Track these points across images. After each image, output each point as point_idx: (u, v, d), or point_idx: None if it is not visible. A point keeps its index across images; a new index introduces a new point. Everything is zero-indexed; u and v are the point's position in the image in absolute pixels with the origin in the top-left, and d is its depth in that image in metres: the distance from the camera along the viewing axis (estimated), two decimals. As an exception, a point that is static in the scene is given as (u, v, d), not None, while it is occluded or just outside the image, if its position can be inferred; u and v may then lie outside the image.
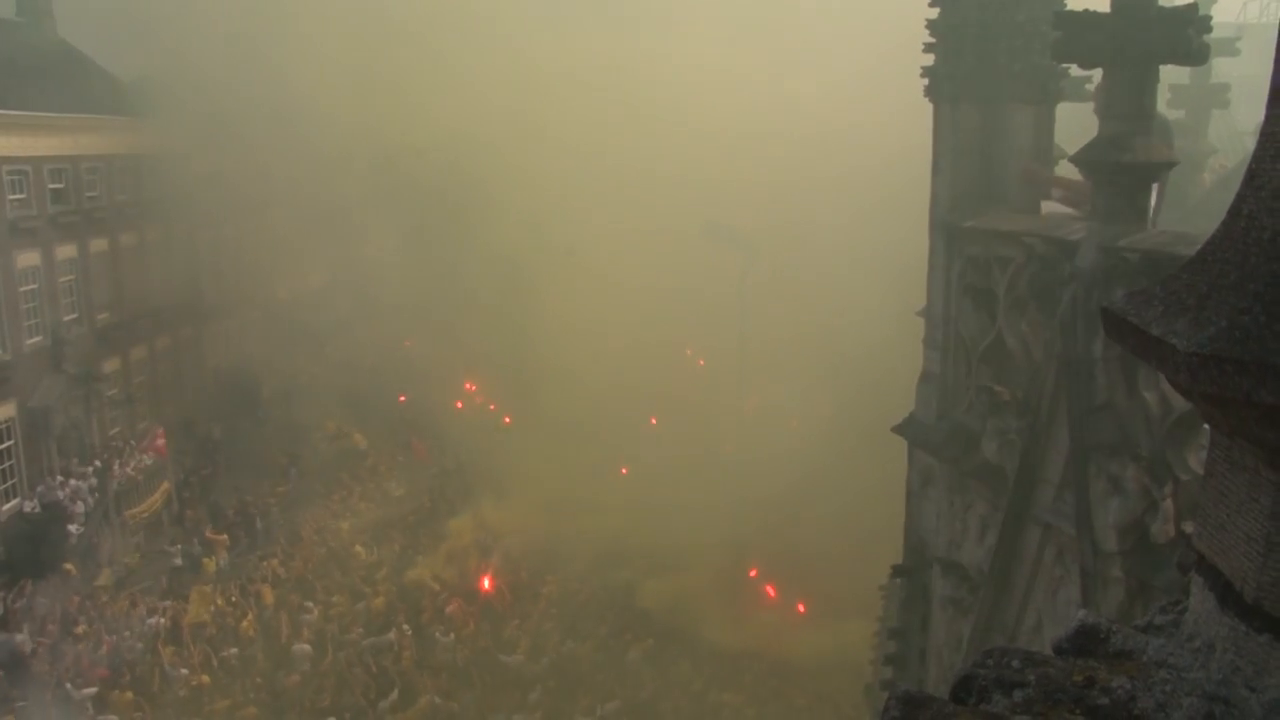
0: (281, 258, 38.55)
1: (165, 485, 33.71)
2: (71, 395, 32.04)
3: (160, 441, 34.10)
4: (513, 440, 35.02)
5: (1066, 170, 11.68)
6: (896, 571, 13.37)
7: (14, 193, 30.76)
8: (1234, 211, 1.84)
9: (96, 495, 30.74)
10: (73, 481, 30.37)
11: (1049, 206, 11.69)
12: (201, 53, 35.56)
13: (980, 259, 11.13)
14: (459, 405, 40.55)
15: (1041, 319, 10.55)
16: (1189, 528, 8.73)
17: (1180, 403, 8.45)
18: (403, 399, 40.31)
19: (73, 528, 28.91)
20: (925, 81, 11.13)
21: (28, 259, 31.20)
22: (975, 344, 11.44)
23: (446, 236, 36.99)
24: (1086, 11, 9.85)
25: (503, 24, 39.60)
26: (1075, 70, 10.61)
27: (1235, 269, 1.74)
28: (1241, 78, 31.42)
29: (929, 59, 11.02)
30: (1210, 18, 9.91)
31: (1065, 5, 10.95)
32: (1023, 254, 10.35)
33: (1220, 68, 25.51)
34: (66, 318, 32.90)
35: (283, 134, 35.08)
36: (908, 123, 12.10)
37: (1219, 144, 25.84)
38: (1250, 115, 30.31)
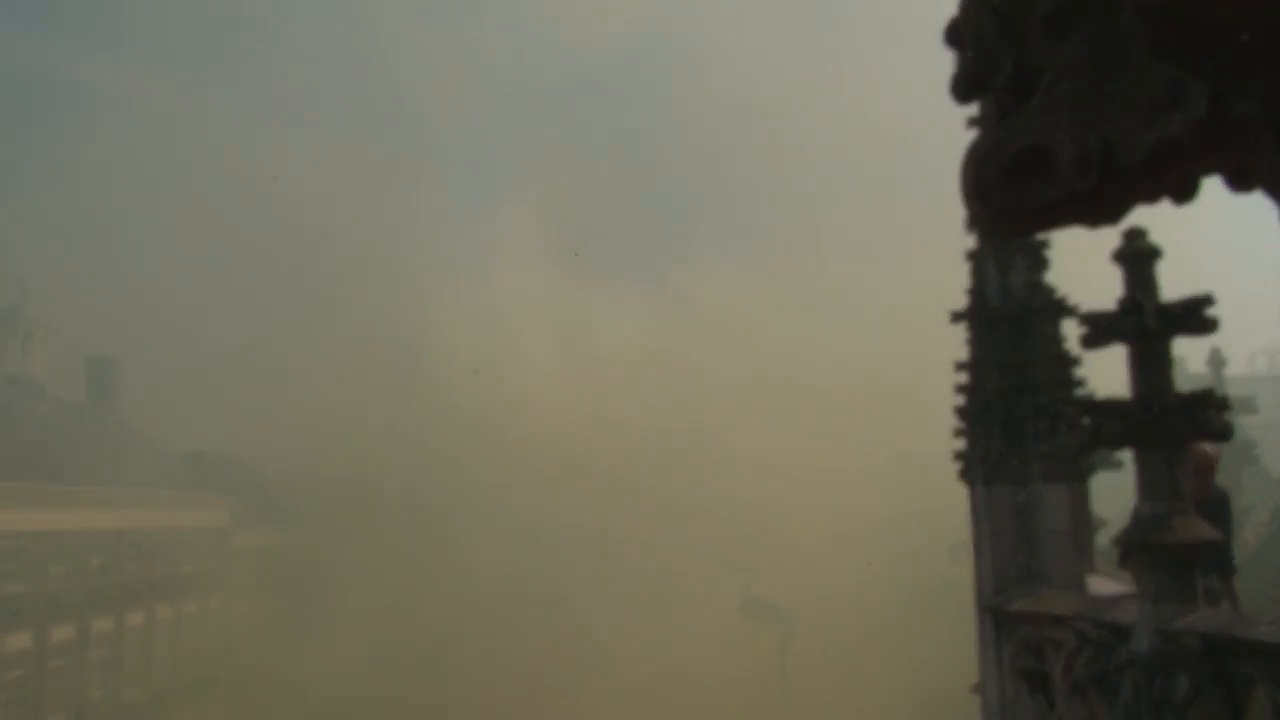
0: (316, 631, 37.71)
1: None
2: (88, 780, 30.78)
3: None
4: None
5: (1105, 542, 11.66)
6: None
7: (56, 565, 31.13)
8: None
9: None
10: None
11: (1095, 582, 11.56)
12: (251, 429, 37.04)
13: (1031, 641, 10.87)
14: None
15: (1103, 705, 10.13)
16: None
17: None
18: None
19: None
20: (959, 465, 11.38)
21: (62, 633, 31.06)
22: (1036, 732, 10.91)
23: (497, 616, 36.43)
24: (1111, 400, 10.19)
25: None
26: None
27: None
28: (1265, 427, 31.94)
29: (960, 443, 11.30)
30: (1227, 397, 10.23)
31: (1084, 387, 11.36)
32: (1075, 638, 10.12)
33: (1242, 422, 26.03)
34: (94, 694, 32.22)
35: (327, 508, 35.69)
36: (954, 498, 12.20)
37: (1254, 498, 25.88)
38: (1279, 463, 30.50)
